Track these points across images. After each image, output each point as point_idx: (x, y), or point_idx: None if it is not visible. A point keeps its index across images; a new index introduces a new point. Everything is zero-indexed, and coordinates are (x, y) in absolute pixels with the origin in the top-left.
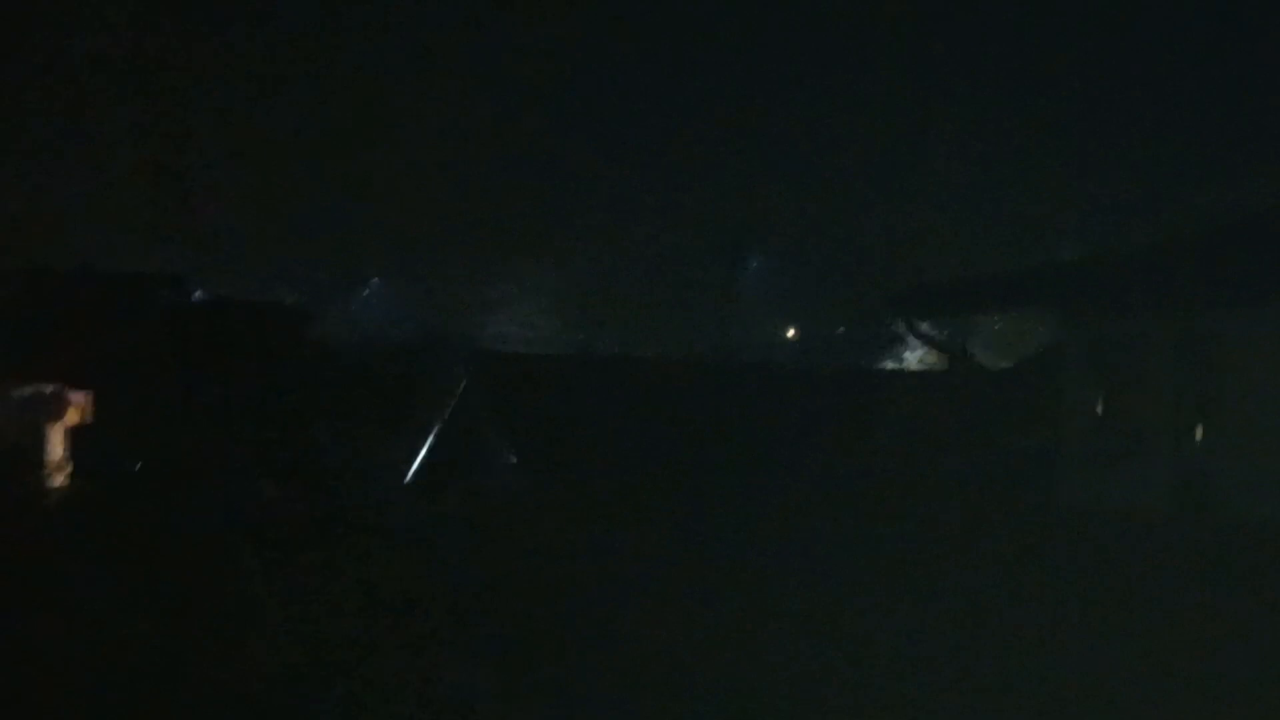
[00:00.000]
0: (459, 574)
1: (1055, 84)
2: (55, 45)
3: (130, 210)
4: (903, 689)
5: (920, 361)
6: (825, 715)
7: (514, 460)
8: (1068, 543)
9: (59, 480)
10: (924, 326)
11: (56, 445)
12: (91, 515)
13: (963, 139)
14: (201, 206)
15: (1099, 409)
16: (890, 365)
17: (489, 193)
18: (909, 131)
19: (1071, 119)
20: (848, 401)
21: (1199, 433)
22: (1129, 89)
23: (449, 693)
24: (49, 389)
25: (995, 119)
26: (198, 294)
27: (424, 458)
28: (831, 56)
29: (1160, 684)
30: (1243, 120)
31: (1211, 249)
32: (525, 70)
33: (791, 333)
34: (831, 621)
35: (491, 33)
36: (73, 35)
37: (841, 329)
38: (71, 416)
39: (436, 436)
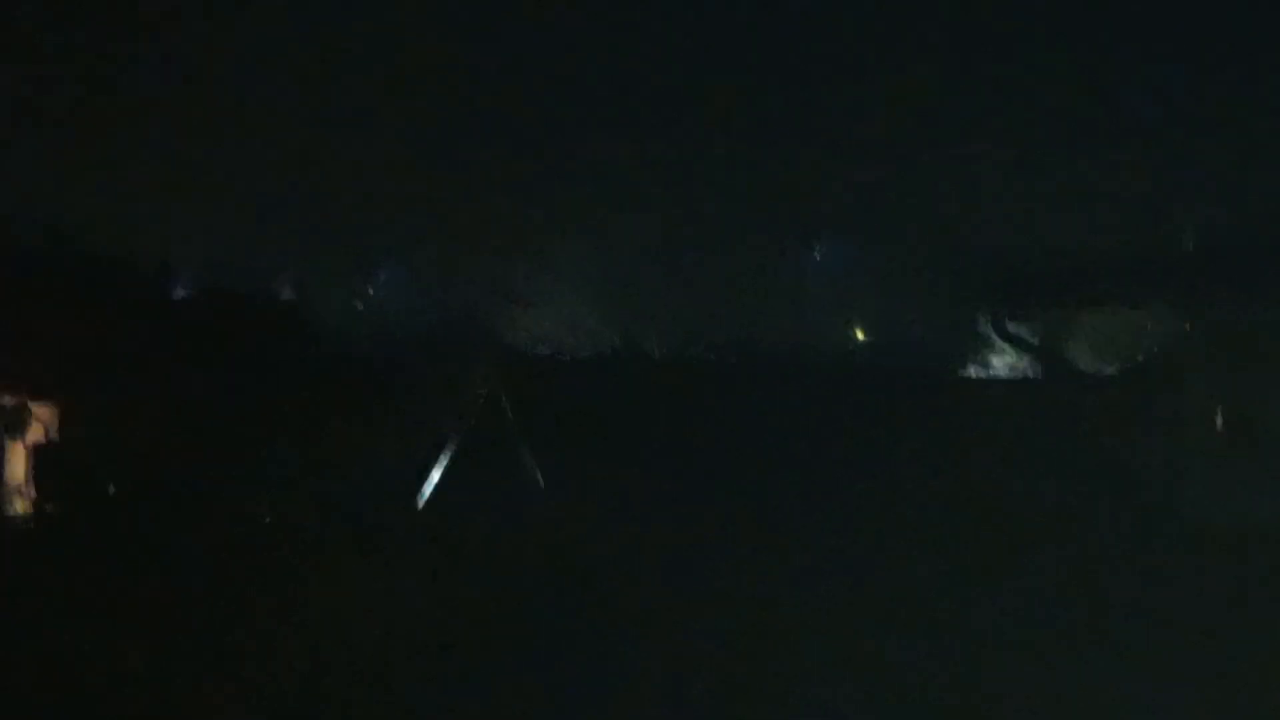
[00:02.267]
0: (477, 608)
1: (1166, 51)
2: (48, 34)
3: (107, 189)
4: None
5: (1011, 367)
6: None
7: (541, 483)
8: (1188, 561)
9: (20, 506)
10: (1014, 327)
11: (18, 465)
12: (57, 546)
13: (1056, 112)
14: (193, 186)
15: (1221, 418)
16: (976, 371)
17: (526, 173)
18: (993, 109)
19: (1196, 82)
20: (926, 411)
21: None
22: (1252, 64)
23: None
24: (9, 400)
25: (1096, 87)
26: (186, 285)
27: (442, 477)
28: (915, 22)
29: None
30: None
31: None
32: (574, 40)
33: (862, 334)
34: (917, 642)
35: (539, 6)
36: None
37: (920, 329)
38: (35, 432)
39: (456, 453)
